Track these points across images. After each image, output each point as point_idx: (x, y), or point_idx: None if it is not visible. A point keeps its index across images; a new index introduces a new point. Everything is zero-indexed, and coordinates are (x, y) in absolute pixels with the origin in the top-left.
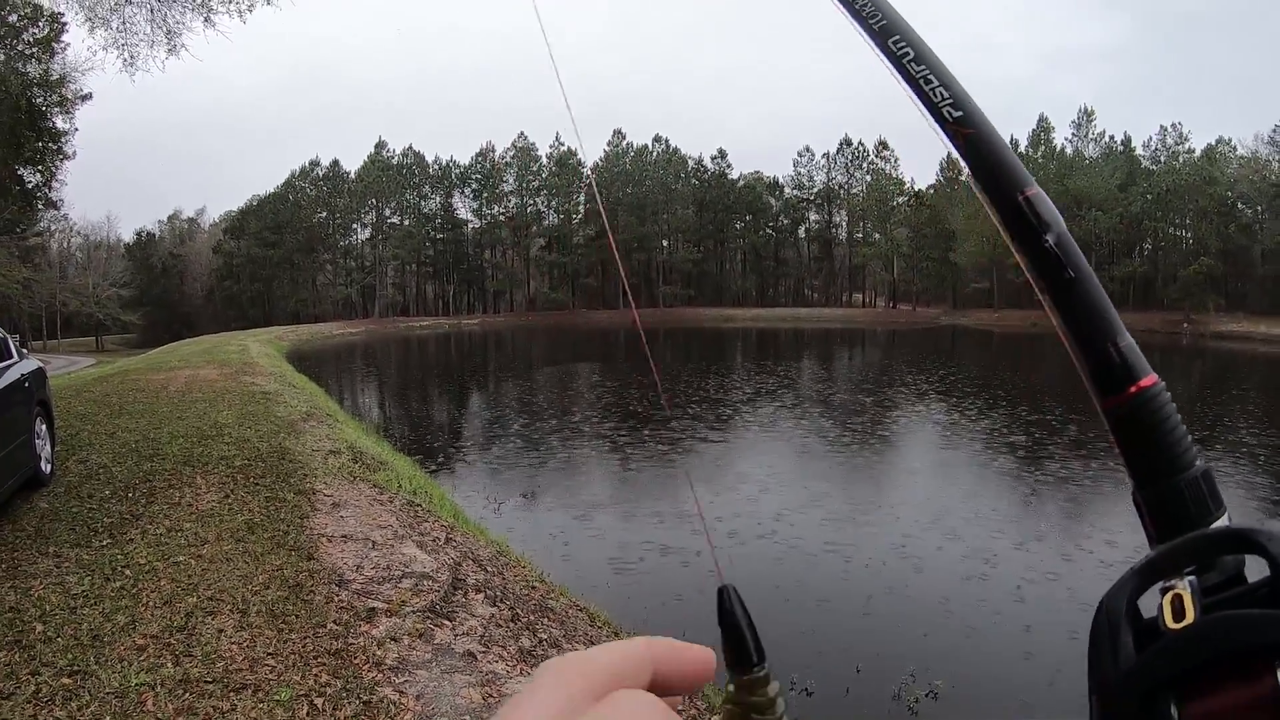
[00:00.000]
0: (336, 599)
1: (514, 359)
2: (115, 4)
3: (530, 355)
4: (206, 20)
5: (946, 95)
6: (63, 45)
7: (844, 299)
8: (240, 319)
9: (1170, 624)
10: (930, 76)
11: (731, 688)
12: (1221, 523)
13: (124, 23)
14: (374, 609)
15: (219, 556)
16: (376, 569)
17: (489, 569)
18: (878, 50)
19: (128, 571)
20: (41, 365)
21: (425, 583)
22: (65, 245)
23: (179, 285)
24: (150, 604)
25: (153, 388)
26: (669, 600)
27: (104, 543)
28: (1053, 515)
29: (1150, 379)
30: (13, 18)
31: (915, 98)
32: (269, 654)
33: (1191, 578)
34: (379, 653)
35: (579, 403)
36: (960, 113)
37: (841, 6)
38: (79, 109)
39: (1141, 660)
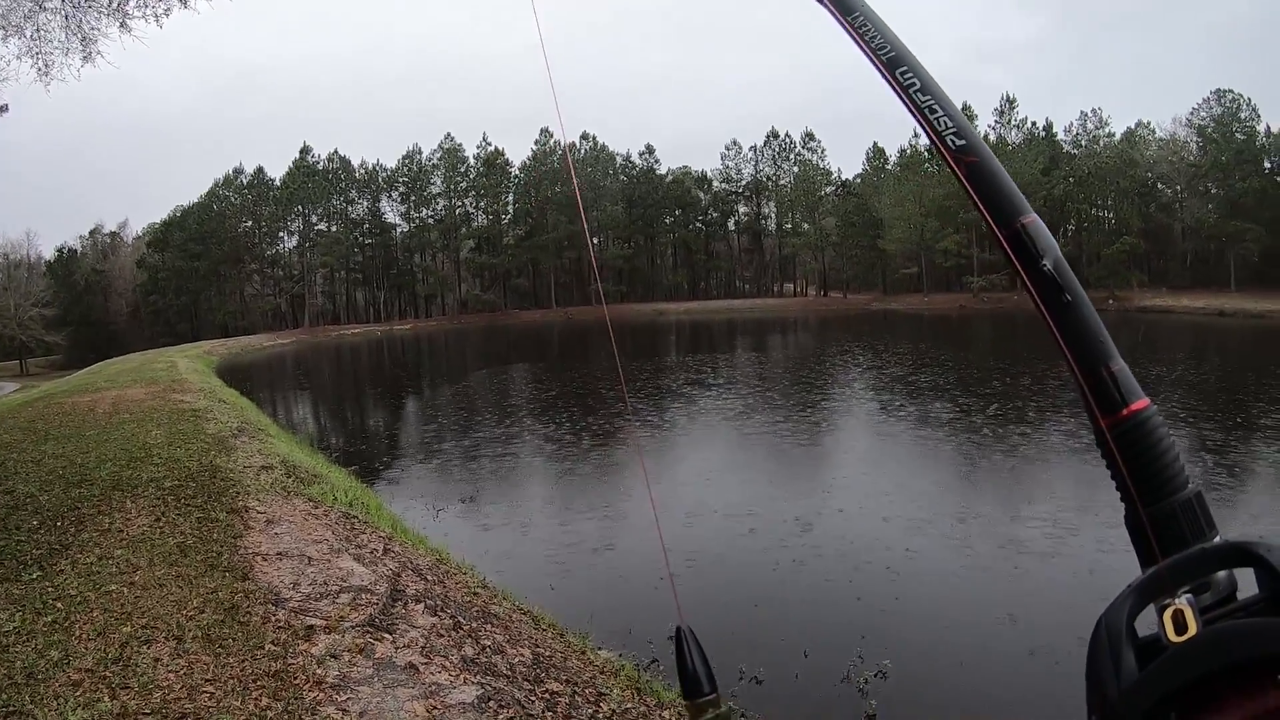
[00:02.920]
0: (274, 619)
1: (448, 363)
2: (29, 11)
3: (464, 358)
4: (122, 25)
5: (950, 125)
6: None
7: (775, 289)
8: (168, 334)
9: (1173, 637)
10: (935, 106)
11: (689, 715)
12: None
13: (38, 30)
14: (312, 626)
15: (152, 583)
16: (314, 585)
17: (429, 578)
18: (886, 79)
19: (59, 604)
20: None
21: (363, 596)
22: None
23: (104, 302)
24: (84, 636)
25: (79, 411)
26: (613, 598)
27: (34, 575)
28: (987, 488)
29: (1143, 402)
30: None
31: (920, 125)
32: (207, 680)
33: (1189, 595)
34: (319, 671)
35: (515, 404)
36: (963, 141)
37: (851, 37)
38: None
39: (1146, 674)
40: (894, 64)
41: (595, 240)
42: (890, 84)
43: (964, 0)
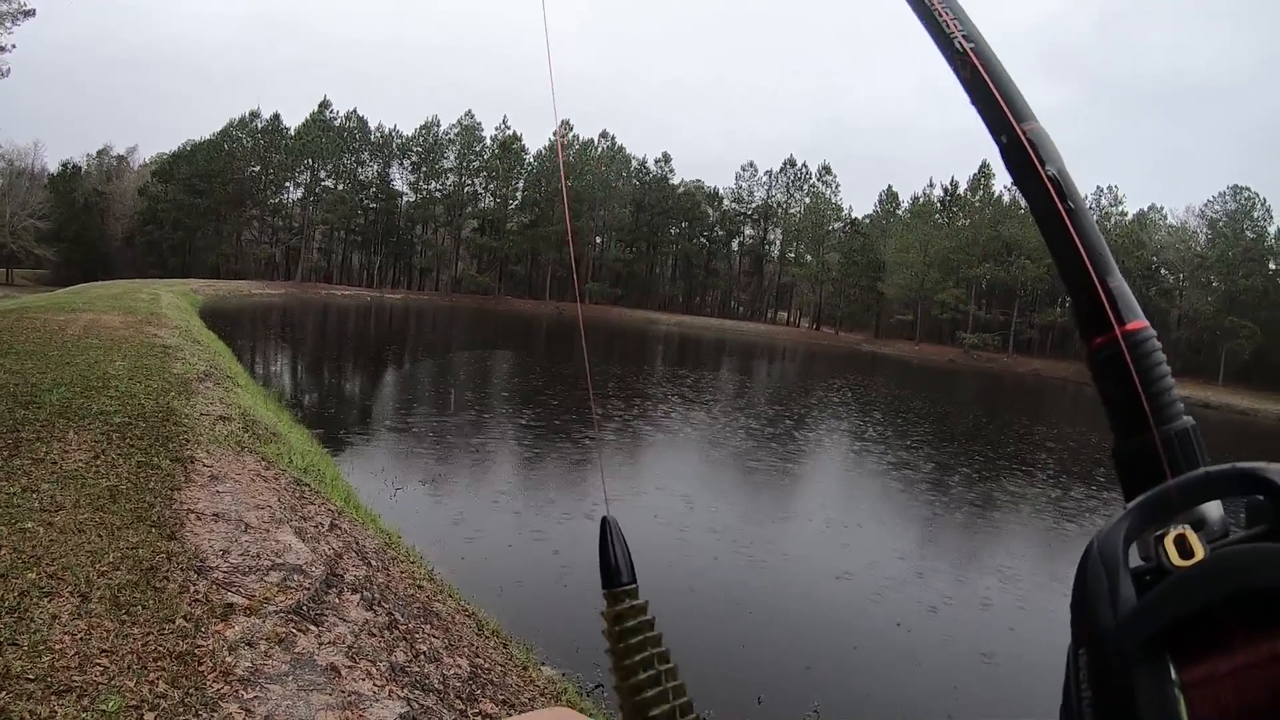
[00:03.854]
0: (192, 589)
1: (434, 339)
2: None
3: (451, 336)
4: None
5: (959, 26)
6: None
7: (769, 315)
8: (158, 267)
9: (1178, 562)
10: (942, 8)
11: (606, 603)
12: None
13: None
14: (232, 605)
15: (71, 526)
16: (245, 556)
17: (373, 563)
18: None
19: None
20: None
21: (295, 577)
22: None
23: (100, 224)
24: None
25: (49, 329)
26: (564, 609)
27: None
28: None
29: (1140, 323)
30: None
31: (925, 26)
32: (104, 651)
33: (1187, 525)
34: (230, 659)
35: (494, 390)
36: (971, 44)
37: None
38: (20, 24)
39: (1148, 600)
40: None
41: (598, 239)
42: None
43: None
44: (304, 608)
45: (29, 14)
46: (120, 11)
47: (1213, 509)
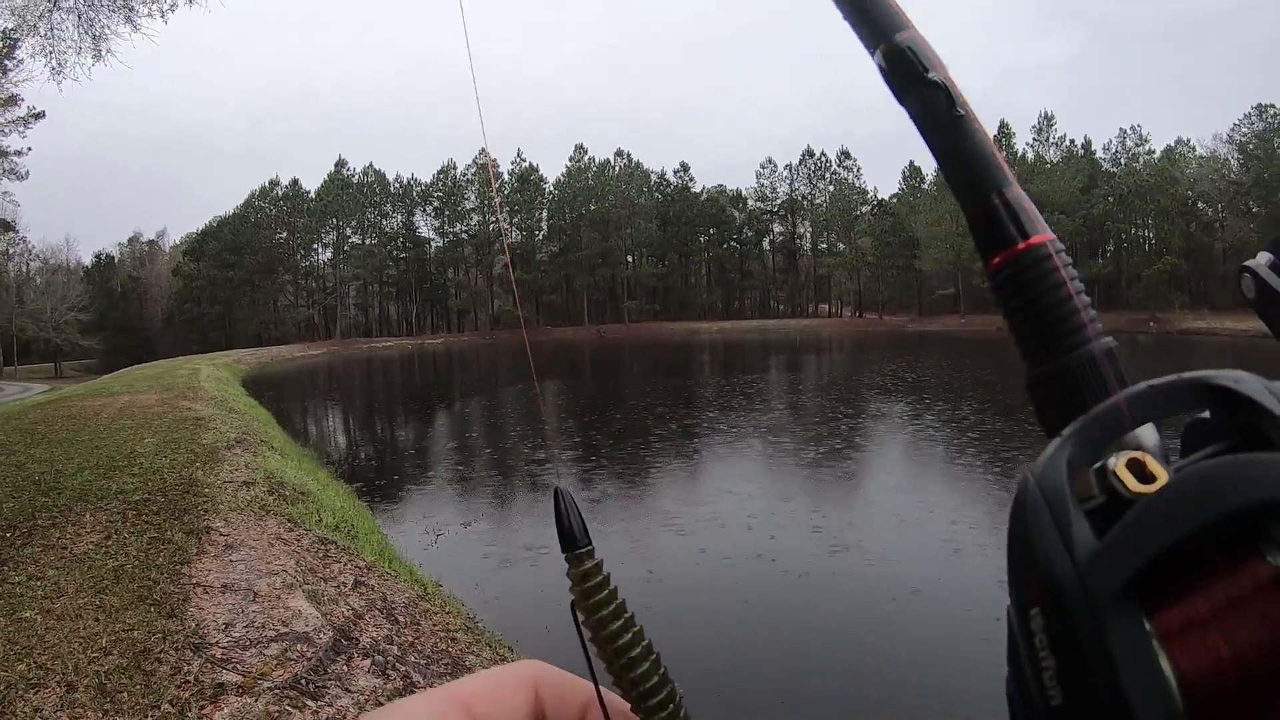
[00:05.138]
0: (184, 670)
1: (478, 378)
2: (44, 10)
3: (494, 374)
4: (129, 21)
5: None
6: (15, 62)
7: (810, 309)
8: (201, 342)
9: (1137, 488)
10: None
11: (568, 567)
12: None
13: (51, 29)
14: (223, 684)
15: (69, 613)
16: (249, 628)
17: (400, 619)
18: None
19: None
20: None
21: (299, 647)
22: (23, 270)
23: (139, 309)
24: None
25: (85, 414)
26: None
27: None
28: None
29: (1044, 235)
30: None
31: None
32: None
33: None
34: None
35: (542, 424)
36: None
37: None
38: (32, 127)
39: (1114, 538)
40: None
41: (629, 258)
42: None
43: (995, 22)
44: (303, 681)
45: (39, 116)
46: (133, 106)
47: (1150, 433)
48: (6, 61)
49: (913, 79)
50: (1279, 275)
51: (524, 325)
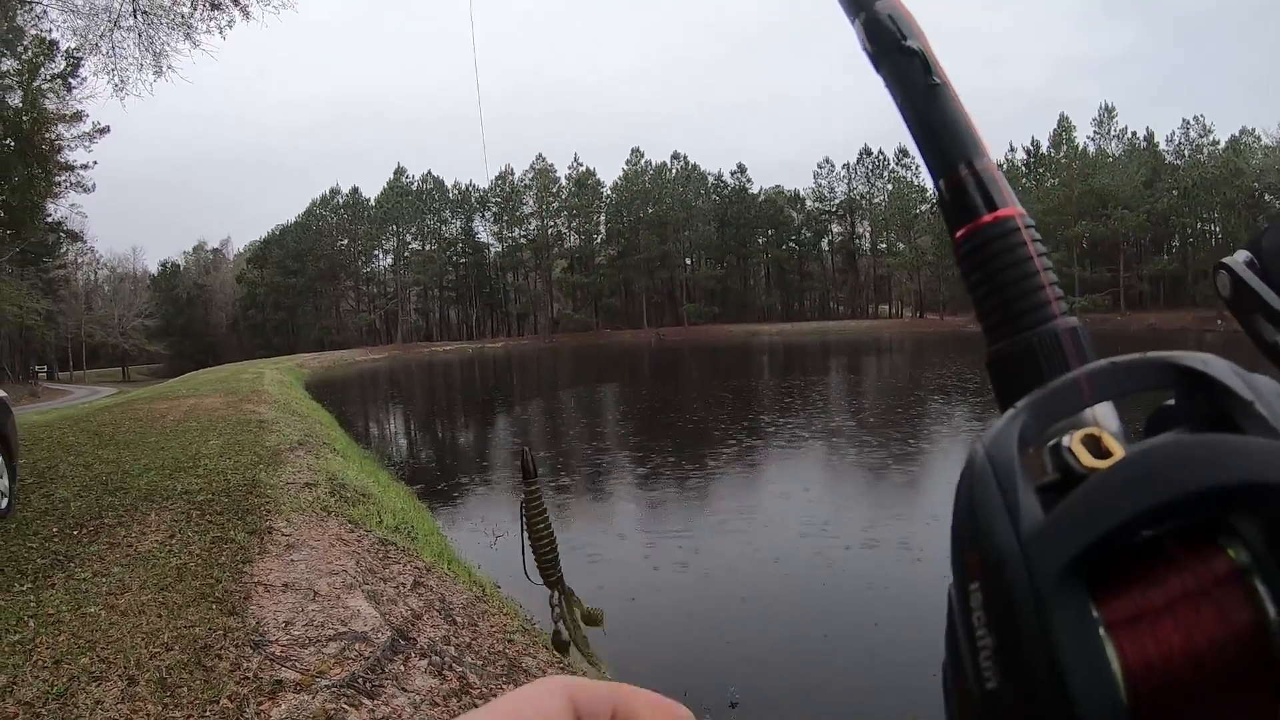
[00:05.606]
0: (244, 666)
1: (538, 382)
2: (105, 30)
3: (555, 377)
4: (188, 38)
5: None
6: (79, 80)
7: (870, 310)
8: (264, 348)
9: (1091, 462)
10: None
11: (525, 487)
12: None
13: (114, 47)
14: (281, 681)
15: (133, 608)
16: (308, 626)
17: (459, 620)
18: None
19: (32, 622)
20: (3, 397)
21: (357, 646)
22: (92, 278)
23: (204, 315)
24: (40, 663)
25: (151, 417)
26: (674, 653)
27: (25, 587)
28: None
29: (1012, 209)
30: (26, 54)
31: None
32: None
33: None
34: None
35: (603, 426)
36: None
37: None
38: (98, 142)
39: (1063, 510)
40: None
41: (688, 261)
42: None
43: (1052, 14)
44: (360, 679)
45: (104, 131)
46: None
47: (1109, 414)
48: (71, 80)
49: (889, 47)
50: (1257, 274)
51: (583, 329)
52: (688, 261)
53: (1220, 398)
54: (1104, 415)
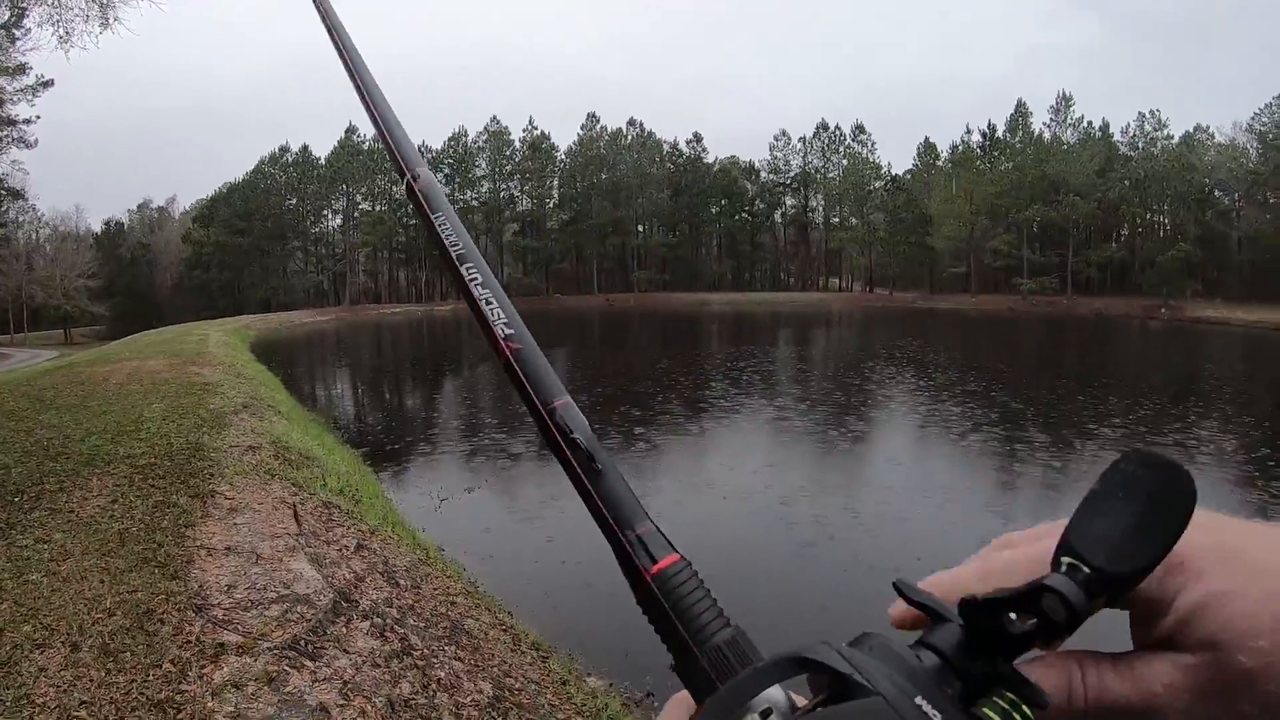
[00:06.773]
0: (186, 630)
1: (482, 346)
2: None
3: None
4: None
5: (501, 316)
6: (23, 30)
7: (820, 283)
8: (210, 308)
9: None
10: (490, 300)
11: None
12: None
13: None
14: (224, 644)
15: (75, 575)
16: (250, 590)
17: (401, 583)
18: (454, 273)
19: None
20: None
21: (298, 609)
22: (33, 237)
23: (148, 275)
24: None
25: (93, 381)
26: (620, 617)
27: None
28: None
29: (671, 559)
30: None
31: (474, 316)
32: (84, 702)
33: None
34: (211, 705)
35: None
36: (511, 331)
37: (430, 233)
38: (40, 96)
39: None
40: (462, 260)
41: (640, 228)
42: (455, 277)
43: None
44: (301, 642)
45: (47, 84)
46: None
47: (776, 693)
48: (15, 30)
49: (562, 438)
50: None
51: (533, 293)
52: (640, 229)
53: (835, 676)
54: (772, 692)
